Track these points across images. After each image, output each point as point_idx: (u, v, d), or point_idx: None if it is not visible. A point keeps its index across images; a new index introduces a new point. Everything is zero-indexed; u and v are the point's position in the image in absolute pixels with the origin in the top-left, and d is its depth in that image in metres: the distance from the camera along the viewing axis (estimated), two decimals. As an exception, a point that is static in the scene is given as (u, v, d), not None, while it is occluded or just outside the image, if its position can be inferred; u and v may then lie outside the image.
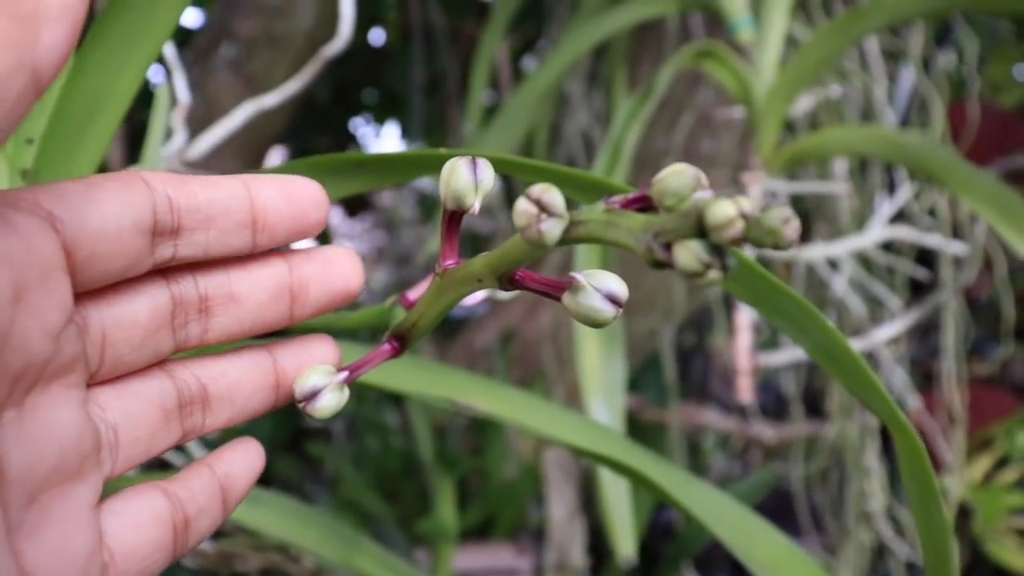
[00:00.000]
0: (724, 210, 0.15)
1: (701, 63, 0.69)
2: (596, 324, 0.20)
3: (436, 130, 1.45)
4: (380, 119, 1.67)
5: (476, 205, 0.22)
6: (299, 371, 0.27)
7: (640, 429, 1.07)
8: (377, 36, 1.56)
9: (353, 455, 1.04)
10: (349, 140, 1.71)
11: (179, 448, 0.56)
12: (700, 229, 0.16)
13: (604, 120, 1.00)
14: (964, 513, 1.01)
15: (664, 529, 1.16)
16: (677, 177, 0.17)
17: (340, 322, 0.36)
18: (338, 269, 0.26)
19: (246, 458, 0.27)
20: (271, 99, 0.61)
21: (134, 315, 0.23)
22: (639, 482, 0.41)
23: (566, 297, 0.20)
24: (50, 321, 0.20)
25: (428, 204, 1.50)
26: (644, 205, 0.18)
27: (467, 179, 0.21)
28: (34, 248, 0.20)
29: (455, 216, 0.22)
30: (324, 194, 0.26)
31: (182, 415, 0.25)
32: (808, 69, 0.65)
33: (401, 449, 1.02)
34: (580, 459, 0.92)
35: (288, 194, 0.25)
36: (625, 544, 0.56)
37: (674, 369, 1.01)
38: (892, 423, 0.30)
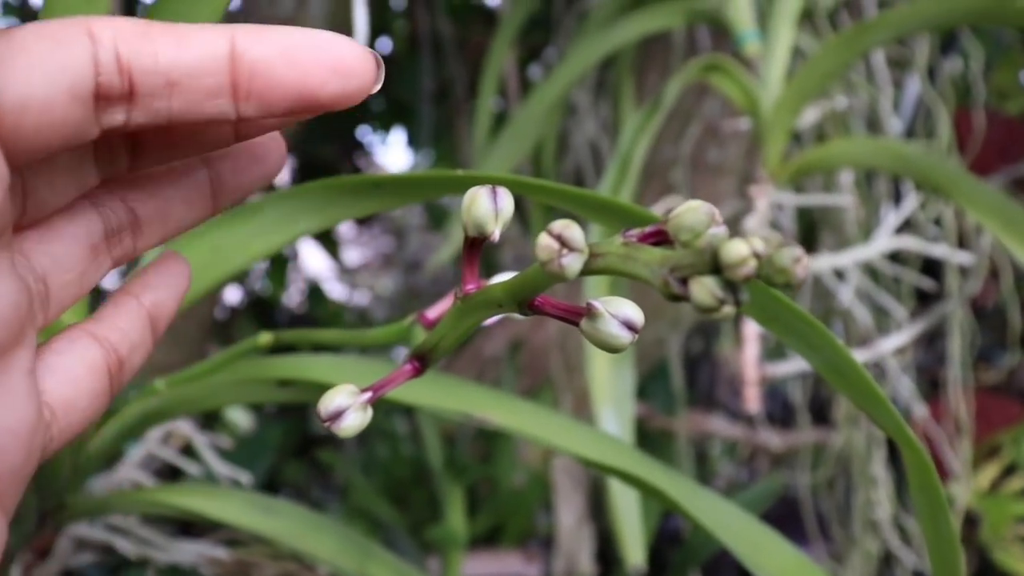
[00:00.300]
0: (738, 249, 0.16)
1: (708, 76, 0.70)
2: (613, 349, 0.21)
3: (444, 138, 1.46)
4: (386, 127, 1.67)
5: (496, 232, 0.22)
6: (239, 175, 0.25)
7: (647, 437, 1.08)
8: (383, 45, 1.57)
9: (363, 462, 1.05)
10: (356, 148, 1.71)
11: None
12: (715, 266, 0.17)
13: (611, 130, 1.01)
14: (971, 521, 1.01)
15: (672, 536, 1.16)
16: (692, 214, 0.18)
17: (359, 339, 0.36)
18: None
19: (173, 280, 0.25)
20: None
21: (57, 158, 0.21)
22: (650, 493, 0.41)
23: (584, 323, 0.21)
24: None
25: (435, 212, 1.51)
26: (660, 239, 0.19)
27: (488, 208, 0.22)
28: None
29: (476, 243, 0.23)
30: (354, 58, 0.21)
31: (110, 245, 0.23)
32: (815, 82, 0.65)
33: (411, 457, 1.03)
34: (588, 467, 0.92)
35: (289, 56, 0.20)
36: (635, 552, 0.57)
37: (682, 377, 1.02)
38: (900, 438, 0.31)
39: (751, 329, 0.69)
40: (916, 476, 0.32)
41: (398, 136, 1.67)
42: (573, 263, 0.18)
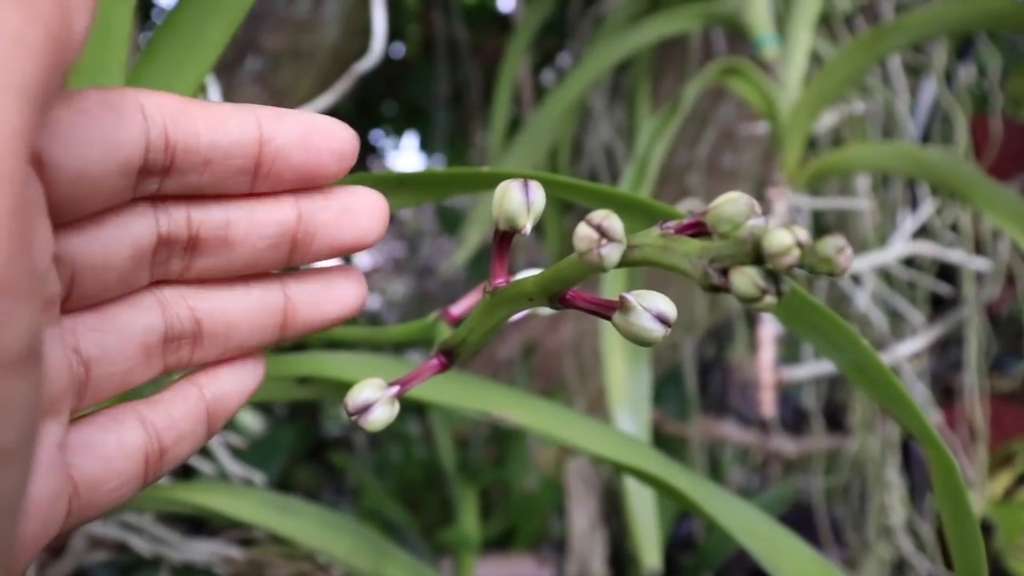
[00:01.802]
0: (781, 239, 0.16)
1: (726, 79, 0.70)
2: (645, 343, 0.21)
3: (457, 143, 1.46)
4: (398, 131, 1.68)
5: (528, 226, 0.22)
6: (314, 310, 0.25)
7: (660, 442, 1.07)
8: (396, 49, 1.57)
9: (375, 465, 1.05)
10: (370, 152, 1.72)
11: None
12: (756, 255, 0.17)
13: (626, 134, 1.01)
14: (985, 529, 1.01)
15: (684, 541, 1.16)
16: (732, 205, 0.18)
17: (382, 336, 0.36)
18: (354, 220, 0.24)
19: (243, 376, 0.25)
20: (303, 114, 0.62)
21: (109, 252, 0.21)
22: (667, 492, 0.41)
23: (616, 317, 0.21)
24: (37, 268, 0.17)
25: (448, 217, 1.51)
26: (697, 231, 0.19)
27: (520, 201, 0.22)
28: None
29: (506, 236, 0.23)
30: (350, 145, 0.23)
31: (166, 351, 0.23)
32: (832, 86, 0.65)
33: (423, 459, 1.03)
34: (601, 471, 0.92)
35: (305, 142, 0.22)
36: (651, 554, 0.56)
37: (695, 382, 1.02)
38: (924, 437, 0.31)
39: (767, 332, 0.69)
40: (940, 476, 0.32)
41: (410, 140, 1.68)
42: (612, 253, 0.18)
